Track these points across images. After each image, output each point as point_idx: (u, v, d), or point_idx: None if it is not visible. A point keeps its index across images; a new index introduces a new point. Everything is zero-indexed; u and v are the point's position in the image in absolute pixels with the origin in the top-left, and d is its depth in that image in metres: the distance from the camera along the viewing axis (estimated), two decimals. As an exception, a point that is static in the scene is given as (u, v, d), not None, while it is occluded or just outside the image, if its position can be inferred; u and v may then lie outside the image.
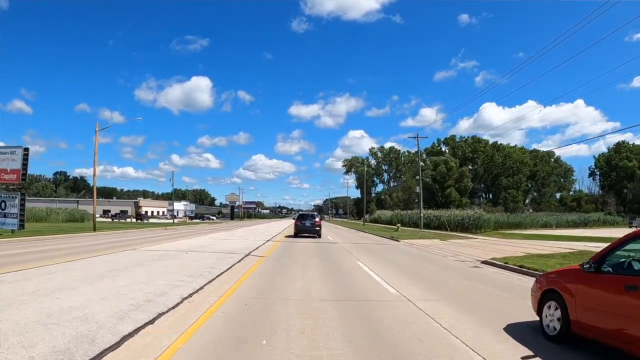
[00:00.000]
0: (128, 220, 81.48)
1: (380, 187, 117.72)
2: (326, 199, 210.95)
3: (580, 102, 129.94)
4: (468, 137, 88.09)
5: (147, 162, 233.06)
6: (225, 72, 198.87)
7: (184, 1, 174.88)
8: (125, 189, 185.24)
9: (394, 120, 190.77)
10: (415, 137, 44.23)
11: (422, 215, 43.49)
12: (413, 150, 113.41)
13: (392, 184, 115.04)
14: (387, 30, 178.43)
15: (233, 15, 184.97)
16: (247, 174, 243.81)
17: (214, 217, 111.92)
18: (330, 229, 43.90)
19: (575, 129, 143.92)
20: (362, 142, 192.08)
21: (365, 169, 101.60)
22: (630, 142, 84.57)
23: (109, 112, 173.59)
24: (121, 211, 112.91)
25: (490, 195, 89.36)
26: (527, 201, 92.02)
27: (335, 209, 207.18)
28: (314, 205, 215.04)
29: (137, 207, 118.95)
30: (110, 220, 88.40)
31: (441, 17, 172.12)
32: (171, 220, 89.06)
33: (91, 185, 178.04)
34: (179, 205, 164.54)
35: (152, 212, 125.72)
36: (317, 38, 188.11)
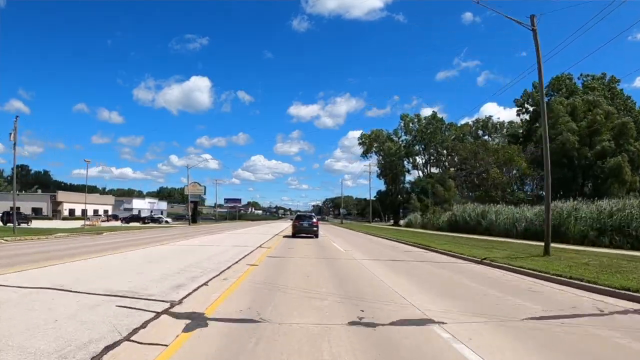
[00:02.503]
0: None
1: (413, 175, 75.97)
2: (326, 199, 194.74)
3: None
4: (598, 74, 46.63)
5: (147, 163, 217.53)
6: (224, 72, 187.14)
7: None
8: (119, 188, 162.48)
9: (394, 121, 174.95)
10: None
11: None
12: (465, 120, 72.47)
13: (431, 170, 73.50)
14: (390, 30, 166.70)
15: (233, 13, 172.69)
16: (246, 174, 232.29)
17: (169, 220, 69.95)
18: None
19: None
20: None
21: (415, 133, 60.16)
22: None
23: (107, 112, 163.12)
24: (33, 209, 73.33)
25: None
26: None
27: (336, 208, 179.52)
28: (312, 206, 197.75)
29: (55, 203, 77.01)
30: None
31: (445, 16, 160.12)
32: (70, 225, 48.01)
33: (56, 180, 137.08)
34: (141, 203, 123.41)
35: (86, 210, 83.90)
36: (318, 37, 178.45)
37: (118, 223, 59.57)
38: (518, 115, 52.90)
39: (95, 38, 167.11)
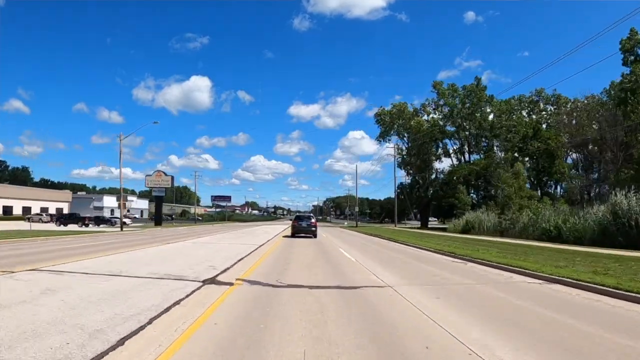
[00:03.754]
0: None
1: (445, 164, 57.80)
2: (327, 199, 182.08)
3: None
4: None
5: (146, 163, 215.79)
6: (225, 72, 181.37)
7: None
8: (111, 187, 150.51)
9: None
10: None
11: None
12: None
13: (468, 158, 55.25)
14: (392, 29, 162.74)
15: (234, 12, 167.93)
16: (245, 175, 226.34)
17: (127, 221, 51.39)
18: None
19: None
20: (362, 143, 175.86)
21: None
22: None
23: (107, 112, 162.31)
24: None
25: None
26: None
27: (337, 208, 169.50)
28: (313, 206, 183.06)
29: (-19, 198, 58.52)
30: None
31: (447, 15, 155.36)
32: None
33: (32, 177, 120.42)
34: (114, 201, 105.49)
35: (29, 207, 65.35)
36: (320, 36, 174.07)
37: (52, 225, 41.32)
38: (626, 65, 34.69)
39: (94, 37, 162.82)
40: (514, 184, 37.58)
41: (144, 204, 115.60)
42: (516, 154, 49.59)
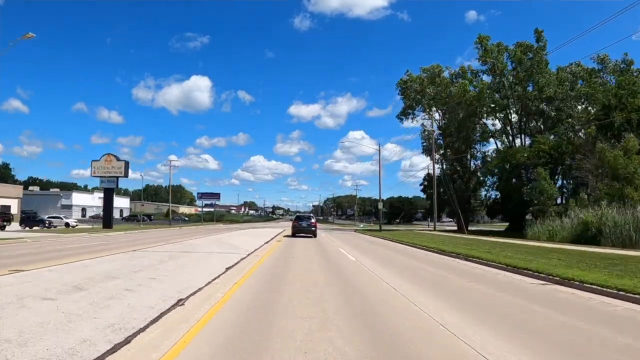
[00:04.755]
0: None
1: (489, 146, 44.20)
2: (327, 199, 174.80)
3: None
4: None
5: (146, 163, 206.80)
6: (225, 71, 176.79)
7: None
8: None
9: (395, 121, 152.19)
10: None
11: None
12: None
13: (522, 140, 41.63)
14: (393, 28, 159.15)
15: (234, 11, 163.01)
16: (245, 175, 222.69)
17: (71, 222, 37.54)
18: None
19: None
20: (362, 143, 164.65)
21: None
22: None
23: (106, 112, 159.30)
24: None
25: None
26: None
27: (339, 208, 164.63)
28: (313, 206, 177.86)
29: None
30: None
31: (448, 14, 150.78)
32: None
33: (14, 175, 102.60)
34: (87, 199, 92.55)
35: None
36: (320, 36, 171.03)
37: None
38: None
39: (94, 36, 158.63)
40: (628, 165, 24.22)
41: (124, 202, 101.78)
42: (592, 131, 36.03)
